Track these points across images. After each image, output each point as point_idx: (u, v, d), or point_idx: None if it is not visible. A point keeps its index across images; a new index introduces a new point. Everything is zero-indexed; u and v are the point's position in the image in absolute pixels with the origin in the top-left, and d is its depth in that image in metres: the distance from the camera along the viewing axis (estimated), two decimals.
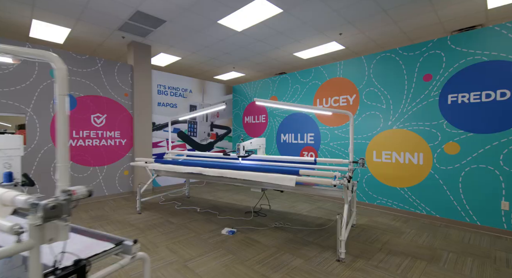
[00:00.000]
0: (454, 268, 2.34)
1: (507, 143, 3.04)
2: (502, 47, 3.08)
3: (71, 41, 4.99)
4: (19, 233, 0.90)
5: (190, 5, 3.64)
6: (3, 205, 1.02)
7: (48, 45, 5.07)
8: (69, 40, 4.94)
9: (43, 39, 4.88)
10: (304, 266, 2.34)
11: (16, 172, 1.83)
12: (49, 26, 4.29)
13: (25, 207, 0.95)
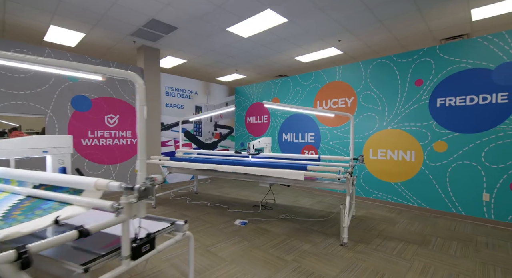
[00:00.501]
0: (441, 249, 2.71)
1: (488, 141, 3.44)
2: (484, 57, 3.48)
3: (83, 45, 5.21)
4: (117, 209, 1.21)
5: (202, 14, 3.93)
6: (96, 190, 1.31)
7: (60, 48, 5.28)
8: (81, 44, 5.15)
9: (57, 43, 5.09)
10: (312, 250, 2.68)
11: (67, 167, 2.11)
12: (64, 31, 4.52)
13: (118, 190, 1.25)
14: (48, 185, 1.52)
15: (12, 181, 1.67)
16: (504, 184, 3.34)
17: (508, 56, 3.31)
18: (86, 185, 1.33)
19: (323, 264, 2.38)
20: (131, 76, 1.32)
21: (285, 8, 3.72)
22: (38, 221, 1.15)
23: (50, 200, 1.38)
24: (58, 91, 4.22)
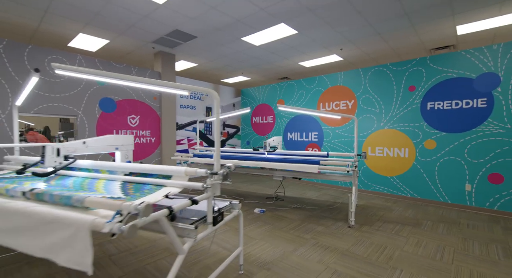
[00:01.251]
0: (431, 229, 3.28)
1: (470, 140, 4.04)
2: (467, 68, 4.06)
3: (103, 50, 5.58)
4: (206, 189, 1.68)
5: (222, 26, 4.38)
6: (185, 175, 1.78)
7: (81, 53, 5.63)
8: (101, 49, 5.52)
9: (79, 48, 5.44)
10: (325, 231, 3.20)
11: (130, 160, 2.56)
12: (91, 38, 4.89)
13: (205, 175, 1.72)
14: (138, 172, 1.98)
15: (102, 171, 2.12)
16: (483, 176, 3.95)
17: (486, 68, 3.90)
18: (177, 171, 1.80)
19: (336, 241, 2.90)
20: (211, 93, 1.79)
21: (297, 22, 4.22)
22: (153, 196, 1.61)
23: (147, 183, 1.84)
24: (87, 94, 4.61)
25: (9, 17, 4.06)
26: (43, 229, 1.26)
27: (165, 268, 2.28)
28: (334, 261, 2.42)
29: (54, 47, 5.34)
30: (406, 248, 2.74)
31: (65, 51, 4.96)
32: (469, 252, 2.66)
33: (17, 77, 3.89)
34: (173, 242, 1.41)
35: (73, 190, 1.73)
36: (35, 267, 2.27)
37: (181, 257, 1.43)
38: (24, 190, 1.47)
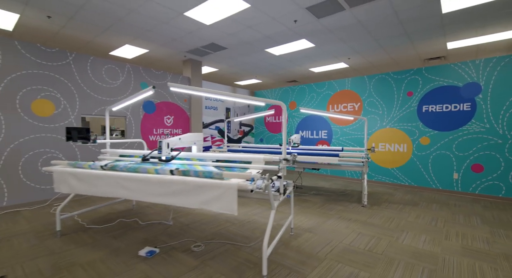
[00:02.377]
0: (426, 207, 4.15)
1: (457, 137, 4.93)
2: (455, 78, 4.95)
3: (139, 57, 6.27)
4: (280, 169, 2.48)
5: (252, 40, 5.15)
6: (263, 161, 2.57)
7: (119, 60, 6.31)
8: (137, 57, 6.21)
9: (117, 55, 6.11)
10: (345, 209, 4.04)
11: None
12: (133, 48, 5.58)
13: (278, 160, 2.51)
14: (223, 160, 2.75)
15: (192, 159, 2.88)
16: (467, 166, 4.85)
17: (470, 78, 4.79)
18: (257, 158, 2.58)
19: (355, 215, 3.74)
20: (281, 105, 2.57)
21: (316, 38, 5.02)
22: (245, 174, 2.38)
23: (234, 167, 2.62)
24: None
25: (73, 33, 4.74)
26: (196, 191, 2.03)
27: (234, 230, 3.06)
28: (357, 227, 3.26)
29: (97, 54, 6.00)
30: (409, 219, 3.59)
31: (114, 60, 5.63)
32: (455, 221, 3.54)
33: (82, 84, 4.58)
34: (271, 201, 2.20)
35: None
36: (136, 231, 3.02)
37: (273, 212, 2.22)
38: (171, 168, 2.24)
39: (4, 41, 3.73)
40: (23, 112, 3.90)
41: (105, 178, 2.39)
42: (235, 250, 2.59)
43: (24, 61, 3.91)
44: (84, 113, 4.58)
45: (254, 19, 4.16)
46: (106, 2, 3.64)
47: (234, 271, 2.20)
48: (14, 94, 3.82)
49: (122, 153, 3.28)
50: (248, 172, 2.48)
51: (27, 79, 3.94)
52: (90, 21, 4.23)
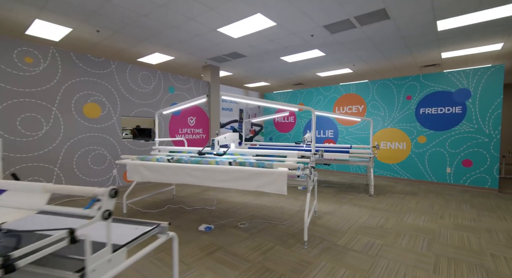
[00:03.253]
0: (424, 197, 4.84)
1: (450, 136, 5.64)
2: (448, 84, 5.65)
3: (163, 63, 6.85)
4: (311, 161, 3.12)
5: (271, 50, 5.77)
6: (297, 156, 3.21)
7: (144, 65, 6.88)
8: (162, 63, 6.79)
9: (144, 61, 6.68)
10: (354, 198, 4.70)
11: None
12: (160, 55, 6.16)
13: (309, 155, 3.15)
14: (262, 154, 3.38)
15: (235, 154, 3.51)
16: (459, 161, 5.56)
17: (462, 85, 5.50)
18: (291, 153, 3.22)
19: (364, 202, 4.41)
20: (312, 111, 3.21)
21: (328, 49, 5.67)
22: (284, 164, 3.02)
23: (272, 160, 3.25)
24: (163, 100, 5.90)
25: (112, 43, 5.29)
26: (253, 177, 2.66)
27: (267, 213, 3.70)
28: (368, 211, 3.92)
29: (126, 60, 6.57)
30: (410, 205, 4.27)
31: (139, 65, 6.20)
32: (448, 206, 4.23)
33: (122, 89, 5.17)
34: (308, 185, 2.84)
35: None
36: (186, 214, 3.64)
37: (309, 194, 2.85)
38: (229, 160, 2.86)
39: (63, 53, 4.31)
40: (77, 114, 4.48)
41: (173, 168, 3.00)
42: (273, 227, 3.23)
43: (78, 70, 4.49)
44: (124, 114, 5.16)
45: (277, 34, 4.79)
46: (153, 20, 4.24)
47: (278, 239, 2.84)
48: (70, 99, 4.40)
49: (171, 150, 3.89)
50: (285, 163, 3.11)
51: (80, 85, 4.51)
52: (132, 34, 4.82)
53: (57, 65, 4.24)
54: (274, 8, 3.80)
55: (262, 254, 2.51)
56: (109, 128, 4.94)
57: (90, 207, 1.12)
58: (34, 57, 3.99)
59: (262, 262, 2.35)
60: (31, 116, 3.98)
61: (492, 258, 2.48)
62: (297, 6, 3.72)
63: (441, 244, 2.77)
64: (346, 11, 3.89)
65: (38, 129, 4.06)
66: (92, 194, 1.12)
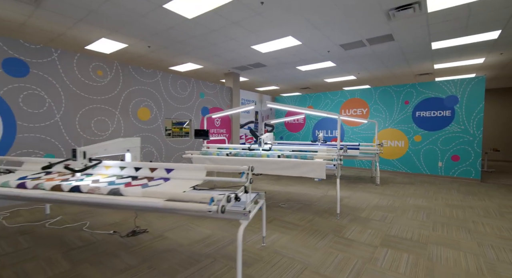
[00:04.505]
0: (420, 185, 5.84)
1: (441, 135, 6.67)
2: (440, 91, 6.68)
3: (190, 71, 7.68)
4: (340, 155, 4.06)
5: (290, 62, 6.68)
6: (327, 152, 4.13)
7: (173, 72, 7.70)
8: (190, 71, 7.62)
9: (175, 69, 7.50)
10: (364, 187, 5.67)
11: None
12: (191, 64, 7.00)
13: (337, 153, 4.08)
14: (297, 150, 4.30)
15: (275, 150, 4.41)
16: (448, 157, 6.60)
17: (451, 92, 6.53)
18: (321, 149, 4.14)
19: (373, 190, 5.37)
20: (337, 115, 4.14)
21: (339, 61, 6.62)
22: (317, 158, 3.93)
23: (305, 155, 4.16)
24: (196, 104, 6.75)
25: (154, 56, 6.11)
26: (298, 166, 3.57)
27: (298, 198, 4.60)
28: (377, 196, 4.88)
29: (158, 68, 7.37)
30: (409, 191, 5.26)
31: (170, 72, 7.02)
32: (440, 192, 5.23)
33: (166, 96, 6.01)
34: (338, 173, 3.77)
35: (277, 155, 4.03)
36: None
37: (338, 180, 3.78)
38: (277, 154, 3.76)
39: (123, 66, 5.12)
40: (133, 117, 5.31)
41: (232, 160, 3.88)
42: (307, 206, 4.15)
43: (134, 80, 5.31)
44: (166, 117, 6.00)
45: (299, 50, 5.71)
46: (200, 41, 5.09)
47: (315, 214, 3.76)
48: (128, 104, 5.22)
49: (219, 146, 4.77)
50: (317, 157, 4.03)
51: (135, 93, 5.34)
52: (176, 49, 5.66)
53: (119, 76, 5.05)
54: (304, 33, 4.72)
55: (308, 222, 3.43)
56: (156, 129, 5.77)
57: (242, 177, 2.02)
58: (103, 70, 4.81)
59: (310, 227, 3.27)
60: (101, 119, 4.80)
61: (473, 223, 3.46)
62: (322, 30, 4.65)
63: (436, 216, 3.75)
64: (360, 34, 4.84)
65: (106, 130, 4.88)
66: (239, 169, 2.02)
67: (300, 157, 3.66)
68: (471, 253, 2.57)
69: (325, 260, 2.41)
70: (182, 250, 2.59)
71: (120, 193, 1.76)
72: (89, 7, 3.77)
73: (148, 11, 3.89)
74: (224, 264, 2.32)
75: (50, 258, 2.40)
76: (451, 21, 4.14)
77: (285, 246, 2.69)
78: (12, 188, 2.01)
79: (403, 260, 2.43)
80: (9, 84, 3.74)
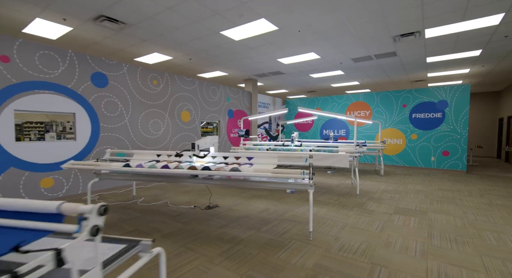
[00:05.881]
0: (416, 176, 6.97)
1: (434, 134, 7.82)
2: (432, 96, 7.83)
3: (216, 78, 8.63)
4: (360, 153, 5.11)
5: (305, 70, 7.71)
6: (347, 146, 5.17)
7: (201, 79, 8.64)
8: (214, 77, 8.57)
9: (203, 76, 8.44)
10: (370, 177, 6.75)
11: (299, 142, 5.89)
12: (218, 73, 7.95)
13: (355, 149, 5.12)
14: (322, 145, 5.33)
15: (303, 145, 5.43)
16: (439, 152, 7.75)
17: (442, 97, 7.68)
18: (343, 145, 5.19)
19: (379, 179, 6.46)
20: (355, 120, 5.18)
21: (348, 70, 7.69)
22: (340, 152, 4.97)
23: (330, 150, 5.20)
24: (224, 107, 7.72)
25: (192, 66, 7.06)
26: (328, 158, 4.59)
27: (320, 185, 5.63)
28: (383, 183, 5.95)
29: (186, 75, 8.30)
30: (409, 180, 6.37)
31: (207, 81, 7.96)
32: (434, 181, 6.35)
33: (202, 100, 6.97)
34: (356, 164, 4.81)
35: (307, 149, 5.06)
36: None
37: (357, 169, 4.83)
38: (309, 149, 4.79)
39: (171, 76, 6.06)
40: (177, 119, 6.25)
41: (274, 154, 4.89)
42: (329, 191, 5.19)
43: (178, 87, 6.25)
44: (202, 119, 6.95)
45: (317, 62, 6.75)
46: (240, 55, 6.07)
47: (338, 196, 4.81)
48: (174, 108, 6.16)
49: (254, 143, 5.76)
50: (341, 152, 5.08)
51: (179, 98, 6.28)
52: (212, 61, 6.62)
53: (168, 84, 6.00)
54: (324, 49, 5.76)
55: (335, 201, 4.47)
56: (194, 129, 6.72)
57: (306, 162, 3.04)
58: (158, 80, 5.74)
59: (338, 203, 4.31)
60: (156, 121, 5.73)
61: (459, 200, 4.56)
62: (339, 48, 5.69)
63: (432, 196, 4.84)
64: (369, 51, 5.90)
65: (159, 130, 5.81)
66: (302, 156, 3.03)
67: (328, 150, 4.70)
68: (458, 217, 3.66)
69: (357, 221, 3.46)
70: (253, 217, 3.59)
71: (238, 170, 2.75)
72: (161, 32, 4.71)
73: (205, 35, 4.85)
74: (288, 223, 3.34)
75: (164, 221, 3.37)
76: (443, 43, 5.24)
77: (326, 214, 3.73)
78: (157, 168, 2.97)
79: (411, 220, 3.49)
80: (95, 93, 4.65)
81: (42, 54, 3.98)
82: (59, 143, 4.28)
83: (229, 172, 2.75)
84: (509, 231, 3.14)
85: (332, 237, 2.92)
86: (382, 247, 2.68)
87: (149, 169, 2.98)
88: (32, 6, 3.75)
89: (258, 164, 3.28)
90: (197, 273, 2.18)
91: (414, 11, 3.90)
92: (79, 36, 4.92)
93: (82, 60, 4.48)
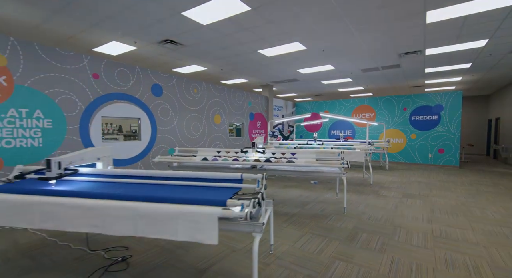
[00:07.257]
0: (416, 171, 8.03)
1: (431, 134, 8.89)
2: (430, 101, 8.89)
3: (236, 84, 9.57)
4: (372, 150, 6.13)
5: (318, 78, 8.71)
6: (361, 144, 6.18)
7: (223, 85, 9.59)
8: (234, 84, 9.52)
9: (224, 82, 9.37)
10: (377, 172, 7.78)
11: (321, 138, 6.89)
12: (240, 80, 8.90)
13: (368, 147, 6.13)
14: (339, 144, 6.33)
15: (320, 148, 6.43)
16: (436, 150, 8.83)
17: (438, 102, 8.75)
18: (356, 144, 6.19)
19: (385, 173, 7.49)
20: (367, 123, 6.19)
21: (356, 78, 8.70)
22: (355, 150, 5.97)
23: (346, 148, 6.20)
24: (246, 110, 8.68)
25: (221, 75, 8.02)
26: (346, 154, 5.60)
27: None
28: (389, 176, 6.98)
29: (208, 81, 9.23)
30: (410, 174, 7.41)
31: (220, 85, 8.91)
32: (432, 174, 7.40)
33: (230, 105, 7.94)
34: (369, 160, 5.82)
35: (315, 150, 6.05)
36: (290, 181, 6.51)
37: (370, 163, 5.83)
38: (331, 146, 5.78)
39: (207, 84, 7.00)
40: (211, 121, 7.20)
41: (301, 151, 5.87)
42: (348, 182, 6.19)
43: (212, 94, 7.19)
44: (230, 122, 7.91)
45: (330, 72, 7.76)
46: (264, 66, 7.03)
47: (355, 185, 5.81)
48: (209, 112, 7.10)
49: (281, 143, 6.73)
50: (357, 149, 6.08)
51: (213, 104, 7.23)
52: (240, 71, 7.58)
53: (205, 92, 6.94)
54: (339, 62, 6.76)
55: (353, 188, 5.47)
56: (224, 130, 7.68)
57: (339, 156, 4.04)
58: (197, 88, 6.68)
59: (356, 191, 5.31)
60: (195, 124, 6.68)
61: (453, 188, 5.60)
62: (352, 61, 6.70)
63: (431, 185, 5.88)
64: (377, 64, 6.92)
65: (198, 131, 6.76)
66: (335, 152, 4.03)
67: (347, 148, 5.70)
68: (453, 199, 4.69)
69: (376, 202, 4.46)
70: (294, 200, 4.57)
71: (293, 161, 3.72)
72: (210, 51, 5.65)
73: (244, 53, 5.81)
74: (323, 204, 4.33)
75: None
76: (440, 59, 6.28)
77: (350, 198, 4.73)
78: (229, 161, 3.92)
79: (417, 202, 4.51)
80: (154, 101, 5.58)
81: (119, 71, 4.90)
82: (129, 143, 5.20)
83: (286, 164, 3.72)
84: (490, 207, 4.17)
85: (360, 212, 3.92)
86: (398, 217, 3.69)
87: (222, 162, 3.93)
88: (113, 32, 4.66)
89: (301, 158, 4.25)
90: (276, 229, 3.15)
91: (418, 36, 4.92)
92: (137, 53, 5.83)
93: (145, 74, 5.40)
